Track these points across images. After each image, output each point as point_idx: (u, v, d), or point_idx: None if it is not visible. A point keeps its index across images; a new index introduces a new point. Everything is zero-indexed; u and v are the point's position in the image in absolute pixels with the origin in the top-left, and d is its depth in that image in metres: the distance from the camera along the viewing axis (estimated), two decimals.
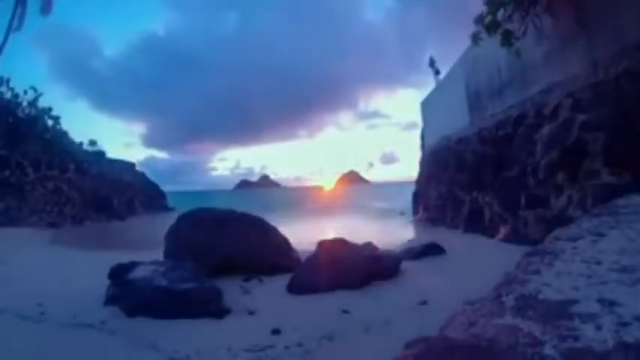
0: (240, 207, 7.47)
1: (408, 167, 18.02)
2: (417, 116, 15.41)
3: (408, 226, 13.58)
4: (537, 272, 1.42)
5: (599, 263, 1.47)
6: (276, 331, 3.59)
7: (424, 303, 4.15)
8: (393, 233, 11.68)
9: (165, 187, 31.74)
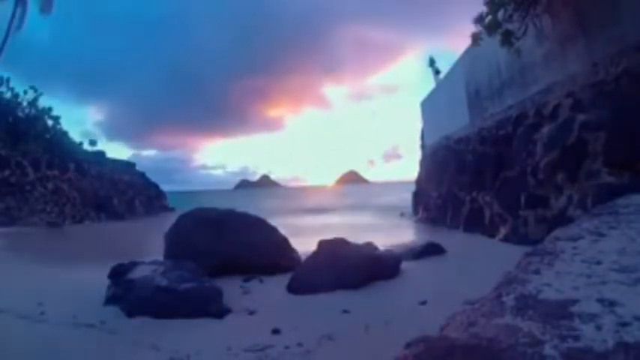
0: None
1: (412, 165, 17.39)
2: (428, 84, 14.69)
3: (408, 226, 13.58)
4: (537, 272, 1.42)
5: (599, 263, 1.47)
6: (276, 331, 3.59)
7: (424, 303, 4.15)
8: (393, 233, 11.68)
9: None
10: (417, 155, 16.15)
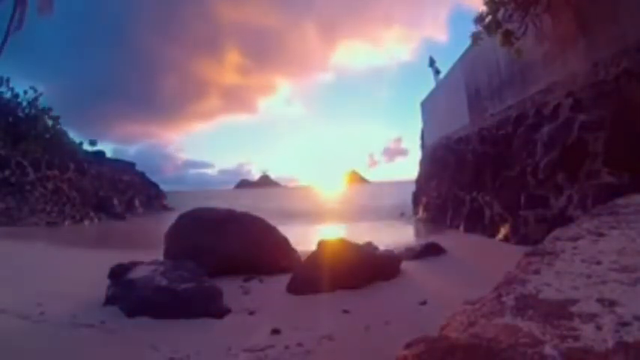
0: None
1: (414, 164, 17.06)
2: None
3: (408, 226, 13.59)
4: (537, 272, 1.42)
5: (599, 263, 1.47)
6: (276, 331, 3.58)
7: (424, 303, 4.15)
8: (393, 233, 11.68)
9: None
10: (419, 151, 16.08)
